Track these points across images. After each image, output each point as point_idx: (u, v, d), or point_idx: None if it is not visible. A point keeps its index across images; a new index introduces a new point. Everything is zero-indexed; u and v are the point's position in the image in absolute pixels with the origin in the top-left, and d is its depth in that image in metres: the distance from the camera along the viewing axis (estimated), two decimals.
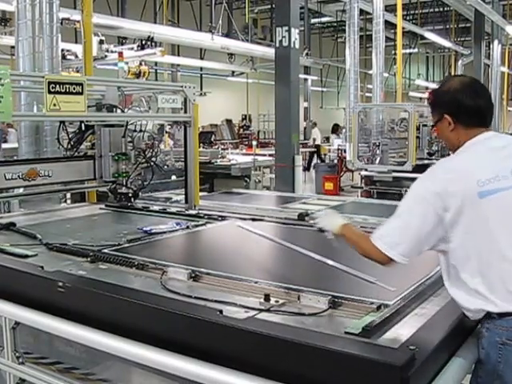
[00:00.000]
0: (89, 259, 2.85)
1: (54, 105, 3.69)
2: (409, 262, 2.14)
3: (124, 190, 4.68)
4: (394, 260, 2.13)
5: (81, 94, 3.83)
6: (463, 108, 2.29)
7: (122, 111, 4.67)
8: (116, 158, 4.54)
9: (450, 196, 2.08)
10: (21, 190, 4.29)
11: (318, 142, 21.71)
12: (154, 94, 5.28)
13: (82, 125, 4.51)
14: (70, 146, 4.57)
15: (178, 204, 4.94)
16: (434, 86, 33.62)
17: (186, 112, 4.74)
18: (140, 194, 4.80)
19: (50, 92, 3.67)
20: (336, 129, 17.83)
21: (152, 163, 4.83)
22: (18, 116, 4.36)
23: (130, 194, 4.67)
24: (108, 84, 4.76)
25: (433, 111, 2.45)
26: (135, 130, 4.70)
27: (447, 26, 28.16)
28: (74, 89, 3.79)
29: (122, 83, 5.37)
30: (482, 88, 2.38)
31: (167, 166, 8.43)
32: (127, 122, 4.61)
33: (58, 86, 3.70)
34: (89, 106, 4.09)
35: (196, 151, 4.80)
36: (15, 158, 5.24)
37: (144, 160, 4.76)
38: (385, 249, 2.15)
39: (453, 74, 29.16)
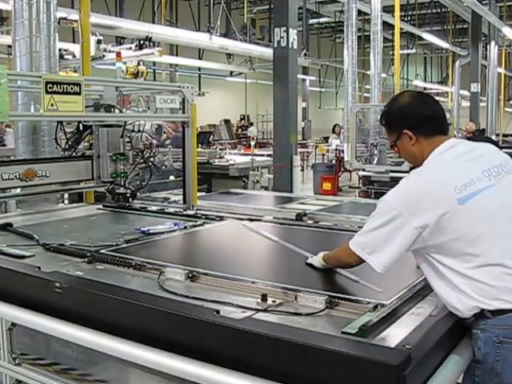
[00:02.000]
0: (86, 260, 2.85)
1: (52, 105, 3.68)
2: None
3: (122, 190, 4.67)
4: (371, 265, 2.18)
5: (78, 94, 3.82)
6: (423, 118, 2.32)
7: (120, 111, 4.65)
8: (114, 158, 4.53)
9: (426, 212, 2.08)
10: (18, 191, 4.29)
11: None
12: (151, 94, 5.26)
13: (80, 125, 4.50)
14: (67, 146, 4.57)
15: (175, 204, 4.95)
16: (432, 86, 33.77)
17: (184, 112, 4.73)
18: (138, 194, 4.80)
19: (47, 92, 3.65)
20: (335, 128, 17.82)
21: (150, 163, 4.82)
22: (15, 116, 4.33)
23: (128, 195, 4.66)
24: (106, 84, 4.74)
25: (389, 131, 2.47)
26: (133, 130, 4.69)
27: (445, 27, 28.19)
28: (72, 89, 3.78)
29: (120, 83, 5.33)
30: (431, 97, 2.45)
31: (165, 166, 8.42)
32: (125, 122, 4.61)
33: (55, 85, 3.69)
34: (87, 106, 4.09)
35: (194, 151, 4.79)
36: (12, 157, 5.24)
37: (142, 160, 4.75)
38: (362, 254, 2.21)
39: (450, 74, 29.21)
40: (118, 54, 10.49)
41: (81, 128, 4.52)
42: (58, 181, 4.38)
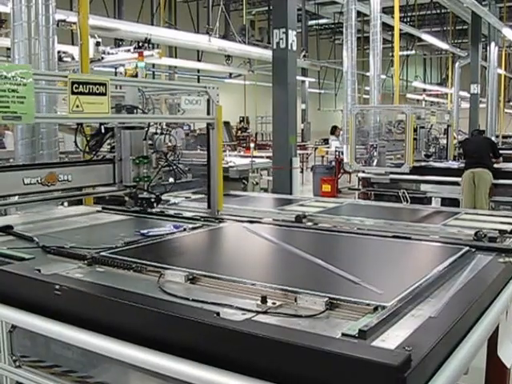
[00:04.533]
0: (86, 262, 2.84)
1: (77, 106, 3.53)
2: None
3: (146, 194, 4.50)
4: None
5: (104, 94, 3.67)
6: None
7: (144, 112, 4.54)
8: (137, 161, 4.39)
9: None
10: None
11: None
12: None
13: (102, 127, 4.38)
14: (88, 149, 4.43)
15: (200, 209, 4.72)
16: (432, 87, 33.82)
17: (209, 113, 4.55)
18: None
19: (73, 93, 3.50)
20: (335, 130, 17.85)
21: (175, 167, 4.68)
22: (40, 118, 4.20)
23: (153, 199, 4.49)
24: (129, 84, 4.63)
25: None
26: (156, 133, 4.56)
27: (444, 28, 28.23)
28: (98, 89, 3.62)
29: (144, 83, 5.20)
30: None
31: (189, 169, 8.15)
32: (149, 124, 4.48)
33: (81, 86, 3.53)
34: None
35: (220, 154, 4.57)
36: (12, 160, 5.20)
37: (166, 163, 4.61)
38: None
39: (450, 76, 29.22)
40: (140, 54, 10.47)
41: (102, 130, 4.39)
42: (79, 185, 4.26)
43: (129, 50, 12.33)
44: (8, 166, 4.21)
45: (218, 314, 2.01)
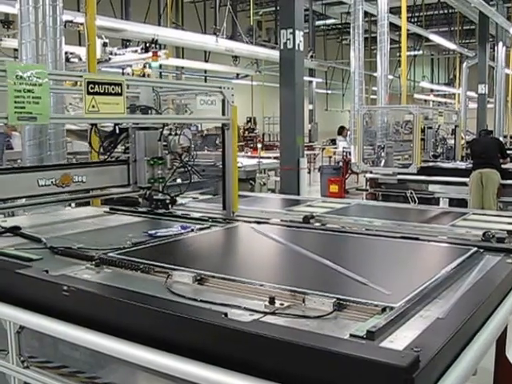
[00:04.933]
0: (94, 263, 2.85)
1: (93, 106, 3.49)
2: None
3: (160, 196, 4.49)
4: None
5: (120, 94, 3.63)
6: None
7: (159, 113, 4.51)
8: (152, 162, 4.38)
9: None
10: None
11: None
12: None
13: (116, 128, 4.37)
14: (102, 150, 4.43)
15: (208, 210, 4.70)
16: (439, 88, 33.73)
17: (224, 114, 4.51)
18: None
19: (88, 93, 3.47)
20: (342, 131, 17.83)
21: (190, 168, 4.66)
22: (55, 118, 4.15)
23: (168, 201, 4.48)
24: (144, 84, 4.60)
25: None
26: (170, 134, 4.54)
27: (452, 28, 28.16)
28: (113, 89, 3.59)
29: (159, 84, 5.16)
30: None
31: (204, 170, 8.06)
32: (164, 125, 4.45)
33: (96, 86, 3.50)
34: None
35: (235, 155, 4.51)
36: (19, 161, 5.20)
37: (181, 164, 4.58)
38: None
39: (457, 76, 29.15)
40: (155, 54, 10.47)
41: (117, 131, 4.38)
42: (94, 187, 4.25)
43: (136, 51, 12.35)
44: (22, 168, 4.19)
45: (225, 314, 2.01)
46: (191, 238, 3.51)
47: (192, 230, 3.64)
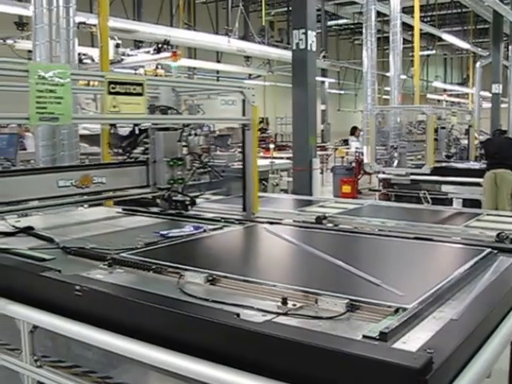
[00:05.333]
0: (106, 263, 2.85)
1: (114, 106, 3.45)
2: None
3: (180, 197, 4.45)
4: None
5: (141, 94, 3.59)
6: None
7: (179, 113, 4.48)
8: (171, 163, 4.35)
9: None
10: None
11: None
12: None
13: (136, 128, 4.36)
14: (121, 151, 4.42)
15: (233, 211, 4.63)
16: (452, 87, 33.59)
17: (244, 114, 4.49)
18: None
19: (110, 93, 3.42)
20: (354, 131, 17.78)
21: (209, 168, 4.64)
22: (77, 118, 4.07)
23: (187, 202, 4.44)
24: (165, 84, 4.56)
25: None
26: (190, 134, 4.52)
27: (465, 28, 28.05)
28: (135, 89, 3.55)
29: (180, 84, 5.10)
30: None
31: (223, 171, 7.98)
32: (184, 125, 4.42)
33: (118, 86, 3.46)
34: None
35: (255, 155, 4.45)
36: (32, 161, 5.21)
37: (200, 165, 4.56)
38: None
39: (471, 75, 29.03)
40: (175, 54, 10.49)
41: (136, 131, 4.37)
42: (113, 188, 4.23)
43: (148, 52, 12.38)
44: (43, 168, 4.18)
45: (238, 315, 2.01)
46: (203, 239, 3.51)
47: (204, 231, 3.64)
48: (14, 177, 3.77)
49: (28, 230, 3.64)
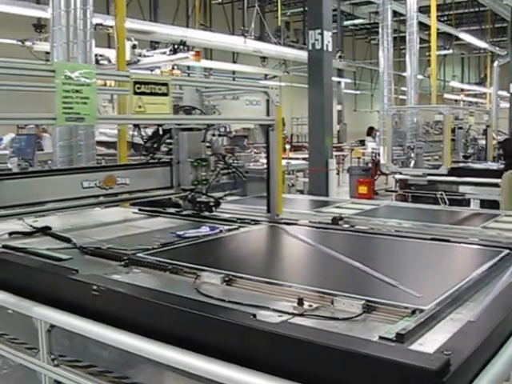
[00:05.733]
0: (123, 263, 2.87)
1: (140, 106, 3.41)
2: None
3: (204, 198, 4.40)
4: None
5: (166, 94, 3.55)
6: None
7: (204, 113, 4.44)
8: (195, 164, 4.32)
9: None
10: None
11: None
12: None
13: (160, 128, 4.34)
14: (145, 152, 4.39)
15: (259, 213, 4.53)
16: (470, 87, 33.40)
17: (268, 114, 4.39)
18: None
19: (135, 93, 3.39)
20: (371, 131, 17.73)
21: (234, 169, 4.61)
22: (103, 119, 4.09)
23: (212, 203, 4.39)
24: (189, 84, 4.53)
25: None
26: (214, 135, 4.48)
27: (483, 27, 27.87)
28: (160, 89, 3.51)
29: (205, 84, 5.09)
30: None
31: (247, 172, 7.92)
32: (208, 126, 4.40)
33: (143, 86, 3.42)
34: None
35: (279, 156, 4.37)
36: (49, 162, 5.23)
37: (225, 166, 4.53)
38: None
39: (489, 75, 28.85)
40: (197, 54, 10.53)
41: (160, 132, 4.34)
42: (137, 189, 4.20)
43: (164, 53, 12.44)
44: (67, 169, 4.17)
45: (254, 315, 2.01)
46: (219, 239, 3.51)
47: (220, 231, 3.64)
48: (39, 177, 3.77)
49: (45, 230, 3.66)
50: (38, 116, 3.29)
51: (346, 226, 4.47)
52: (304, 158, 12.78)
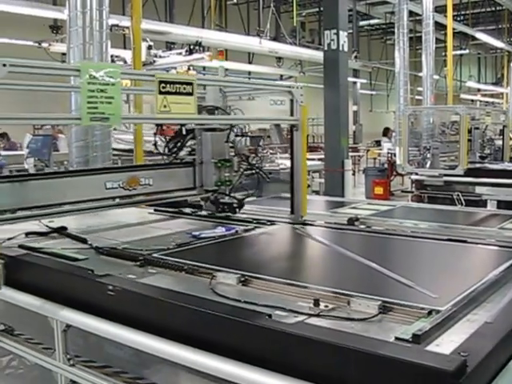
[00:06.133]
0: (138, 263, 2.87)
1: (165, 106, 3.36)
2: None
3: (227, 199, 4.36)
4: None
5: (191, 94, 3.49)
6: None
7: (227, 113, 4.40)
8: (219, 164, 4.27)
9: None
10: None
11: None
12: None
13: (183, 129, 4.29)
14: (168, 152, 4.36)
15: (283, 215, 4.44)
16: (486, 87, 33.19)
17: (292, 114, 4.34)
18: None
19: (160, 92, 3.35)
20: (387, 132, 17.67)
21: (258, 170, 4.55)
22: (127, 118, 4.05)
23: (235, 205, 4.34)
24: (214, 84, 4.50)
25: None
26: (237, 135, 4.46)
27: (499, 26, 27.66)
28: (185, 89, 3.45)
29: (229, 83, 5.01)
30: None
31: (271, 173, 7.85)
32: (232, 126, 4.38)
33: (168, 85, 3.37)
34: None
35: (304, 157, 4.30)
36: (65, 162, 5.23)
37: (248, 167, 4.48)
38: None
39: (505, 75, 28.64)
40: (221, 53, 10.56)
41: (183, 132, 4.30)
42: (160, 190, 4.17)
43: (180, 53, 12.46)
44: (91, 170, 4.15)
45: (269, 316, 2.00)
46: (235, 240, 3.52)
47: (236, 232, 3.64)
48: (63, 178, 3.76)
49: (61, 230, 3.68)
50: (64, 116, 3.29)
51: (362, 226, 4.44)
52: (320, 159, 12.76)
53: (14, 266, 2.84)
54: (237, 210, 4.32)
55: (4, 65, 2.48)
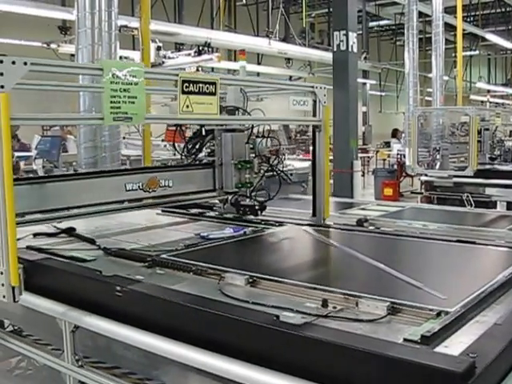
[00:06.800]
0: (146, 264, 2.87)
1: (187, 106, 3.31)
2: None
3: (248, 201, 4.28)
4: None
5: (214, 94, 3.44)
6: None
7: (248, 113, 4.30)
8: (239, 166, 4.22)
9: None
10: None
11: None
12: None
13: (203, 129, 4.24)
14: (187, 153, 4.32)
15: (304, 217, 4.38)
16: (496, 88, 33.07)
17: (315, 115, 4.29)
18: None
19: (183, 92, 3.30)
20: (396, 133, 17.62)
21: (279, 172, 4.48)
22: (150, 118, 3.95)
23: (257, 207, 4.25)
24: (237, 84, 4.43)
25: None
26: (257, 136, 4.40)
27: (509, 27, 27.54)
28: (208, 89, 3.40)
29: (251, 83, 4.89)
30: None
31: (292, 174, 7.72)
32: (252, 126, 4.34)
33: (191, 85, 3.32)
34: None
35: (327, 158, 4.27)
36: (74, 163, 5.23)
37: (270, 168, 4.41)
38: None
39: None
40: (242, 52, 10.57)
41: (203, 133, 4.25)
42: (180, 191, 4.11)
43: (189, 54, 12.47)
44: (111, 171, 4.12)
45: (277, 317, 2.00)
46: (244, 241, 3.51)
47: (244, 233, 3.64)
48: (83, 180, 3.72)
49: (70, 231, 3.68)
50: (85, 116, 3.27)
51: (371, 227, 4.43)
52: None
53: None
54: (258, 212, 4.24)
55: (25, 63, 2.45)
